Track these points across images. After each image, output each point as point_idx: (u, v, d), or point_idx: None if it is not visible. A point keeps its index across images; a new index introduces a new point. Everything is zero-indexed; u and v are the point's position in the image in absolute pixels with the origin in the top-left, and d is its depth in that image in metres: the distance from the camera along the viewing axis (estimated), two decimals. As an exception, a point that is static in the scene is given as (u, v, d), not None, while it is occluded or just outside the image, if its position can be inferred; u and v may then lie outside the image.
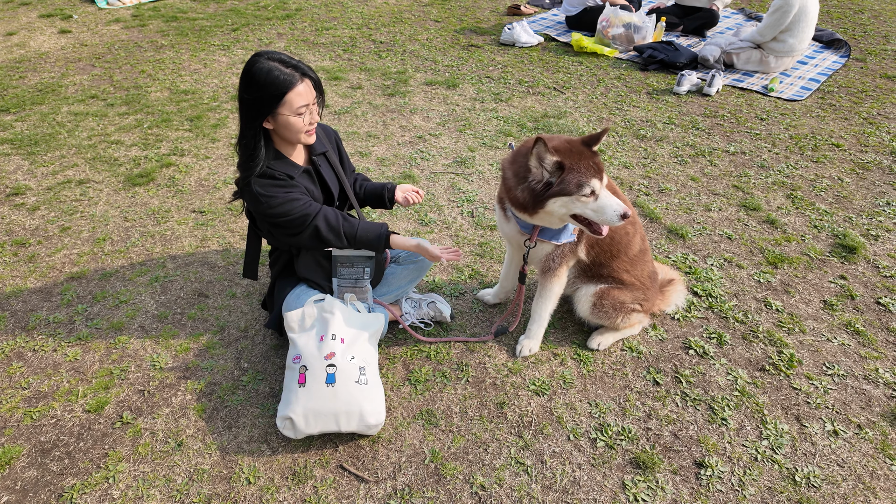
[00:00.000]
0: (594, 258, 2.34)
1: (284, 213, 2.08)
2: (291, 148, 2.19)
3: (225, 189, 3.59)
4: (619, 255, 2.33)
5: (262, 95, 1.95)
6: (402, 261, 2.57)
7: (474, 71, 5.36)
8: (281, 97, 1.95)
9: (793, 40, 5.11)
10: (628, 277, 2.37)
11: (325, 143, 2.33)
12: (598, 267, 2.37)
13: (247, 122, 2.02)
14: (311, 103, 2.02)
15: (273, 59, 1.95)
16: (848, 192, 3.66)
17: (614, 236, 2.28)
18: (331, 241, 2.16)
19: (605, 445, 2.13)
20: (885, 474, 2.04)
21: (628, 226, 2.30)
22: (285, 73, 1.94)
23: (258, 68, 1.94)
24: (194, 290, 2.82)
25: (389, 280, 2.54)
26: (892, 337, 2.62)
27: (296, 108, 1.98)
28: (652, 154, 4.06)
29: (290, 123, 2.01)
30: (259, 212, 2.11)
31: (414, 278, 2.57)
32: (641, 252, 2.39)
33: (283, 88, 1.94)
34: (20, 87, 4.89)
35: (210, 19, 6.54)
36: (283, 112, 1.98)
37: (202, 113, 4.49)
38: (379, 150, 4.03)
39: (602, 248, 2.31)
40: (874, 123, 4.51)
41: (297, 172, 2.15)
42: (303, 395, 2.01)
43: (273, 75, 1.93)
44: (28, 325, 2.61)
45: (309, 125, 2.06)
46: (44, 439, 2.13)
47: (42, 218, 3.32)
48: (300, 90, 1.97)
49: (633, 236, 2.33)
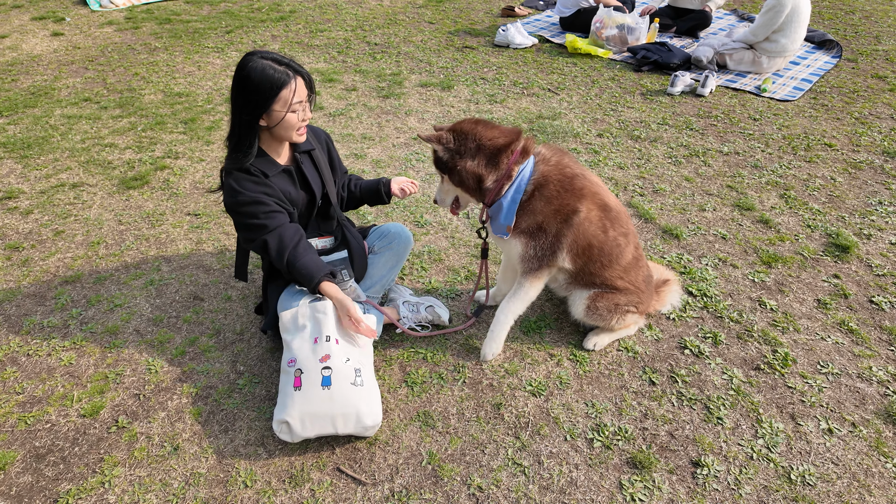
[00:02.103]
0: (582, 267, 2.31)
1: (248, 214, 2.10)
2: (277, 146, 2.20)
3: (220, 193, 3.58)
4: (612, 264, 2.32)
5: (257, 93, 1.98)
6: (376, 249, 2.56)
7: (469, 72, 5.37)
8: (276, 94, 1.98)
9: (785, 41, 5.14)
10: (622, 283, 2.37)
11: (312, 143, 2.33)
12: (590, 275, 2.35)
13: (241, 119, 2.04)
14: (303, 100, 2.06)
15: (266, 58, 1.99)
16: (840, 192, 3.69)
17: (604, 248, 2.26)
18: (273, 260, 2.16)
19: (601, 445, 2.13)
20: (879, 472, 2.06)
21: (619, 237, 2.28)
22: (279, 71, 1.98)
23: (252, 67, 1.97)
24: (189, 294, 2.82)
25: (370, 272, 2.54)
26: (885, 335, 2.64)
27: (290, 104, 2.02)
28: (646, 155, 4.08)
29: (285, 120, 2.04)
30: (227, 204, 2.14)
31: (393, 265, 2.56)
32: (635, 259, 2.38)
33: (277, 85, 1.98)
34: (13, 91, 4.87)
35: (204, 21, 6.53)
36: (278, 109, 2.01)
37: (196, 115, 4.48)
38: (374, 152, 4.03)
39: (591, 257, 2.28)
40: (866, 123, 4.54)
41: (274, 171, 2.16)
42: (299, 399, 2.00)
43: (267, 73, 1.96)
44: (22, 330, 2.60)
45: (301, 122, 2.09)
46: (38, 444, 2.11)
47: (36, 222, 3.30)
48: (294, 87, 2.00)
49: (624, 247, 2.31)
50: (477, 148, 2.14)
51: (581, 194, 2.18)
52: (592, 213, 2.20)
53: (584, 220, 2.19)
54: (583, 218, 2.18)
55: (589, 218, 2.19)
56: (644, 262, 2.47)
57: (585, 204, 2.18)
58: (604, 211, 2.23)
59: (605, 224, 2.23)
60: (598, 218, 2.22)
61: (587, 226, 2.20)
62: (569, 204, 2.17)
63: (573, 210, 2.18)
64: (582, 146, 4.16)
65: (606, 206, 2.24)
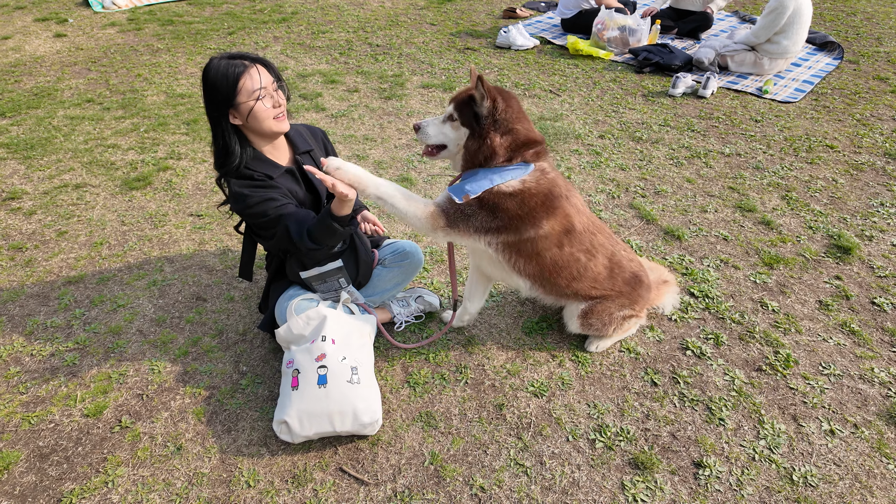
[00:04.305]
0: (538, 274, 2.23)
1: (261, 214, 2.10)
2: (271, 147, 2.20)
3: (219, 211, 3.59)
4: (579, 278, 2.28)
5: (217, 90, 2.00)
6: (387, 263, 2.58)
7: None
8: (234, 86, 1.99)
9: (787, 42, 5.15)
10: (599, 292, 2.35)
11: (309, 142, 2.34)
12: (559, 287, 2.29)
13: (214, 121, 2.07)
14: (267, 86, 2.04)
15: (222, 58, 2.03)
16: (842, 193, 3.69)
17: (559, 261, 2.21)
18: (300, 244, 2.08)
19: (603, 446, 2.13)
20: (881, 473, 2.06)
21: (580, 254, 2.22)
22: (234, 64, 2.01)
23: (210, 67, 2.02)
24: (192, 294, 2.82)
25: (375, 282, 2.56)
26: (886, 337, 2.64)
27: (251, 92, 2.01)
28: (648, 156, 4.08)
29: (254, 111, 2.03)
30: (238, 212, 2.14)
31: (400, 282, 2.59)
32: (607, 269, 2.33)
33: (234, 78, 1.99)
34: (16, 91, 4.88)
35: (206, 23, 6.54)
36: (242, 100, 2.01)
37: (199, 116, 4.49)
38: (376, 153, 4.04)
39: (543, 265, 2.21)
40: (867, 125, 4.55)
41: (278, 173, 2.16)
42: (296, 398, 2.02)
43: (223, 69, 2.00)
44: (25, 330, 2.60)
45: (275, 109, 2.07)
46: (42, 444, 2.12)
47: (39, 222, 3.31)
48: (251, 73, 2.01)
49: (587, 262, 2.26)
50: (511, 130, 2.06)
51: (552, 213, 2.12)
52: (554, 232, 2.15)
53: (541, 235, 2.13)
54: (542, 233, 2.13)
55: (548, 234, 2.14)
56: (624, 265, 2.38)
57: (550, 223, 2.13)
58: (566, 232, 2.18)
59: (563, 241, 2.18)
60: (557, 235, 2.16)
61: (542, 242, 2.15)
62: (536, 216, 2.10)
63: (535, 221, 2.11)
64: (583, 147, 4.17)
65: (571, 229, 2.18)
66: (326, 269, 2.28)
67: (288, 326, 2.18)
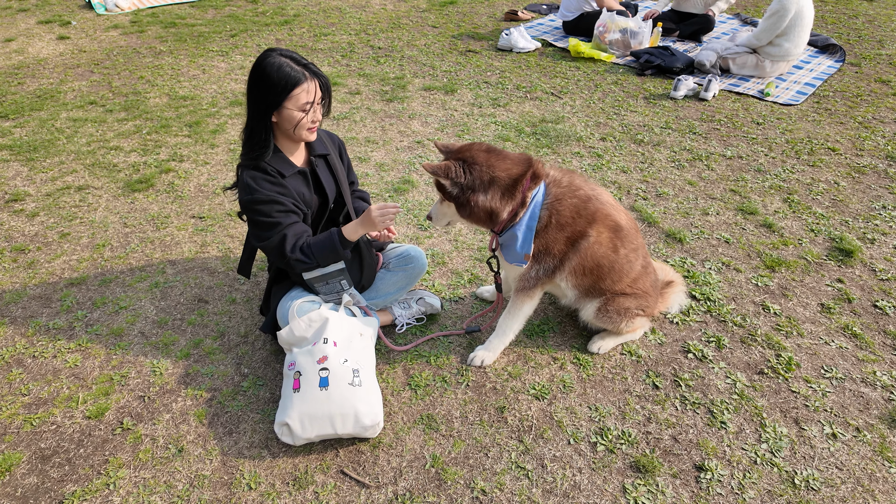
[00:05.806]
0: (591, 284, 2.30)
1: (264, 213, 2.11)
2: (293, 146, 2.22)
3: (224, 195, 3.60)
4: (622, 279, 2.32)
5: (270, 89, 2.00)
6: (392, 267, 2.59)
7: (472, 76, 5.38)
8: (288, 92, 2.00)
9: (788, 45, 5.15)
10: (631, 291, 2.38)
11: (327, 147, 2.35)
12: (600, 290, 2.35)
13: (255, 113, 2.07)
14: (315, 101, 2.07)
15: (284, 56, 2.02)
16: (844, 196, 3.69)
17: (614, 266, 2.26)
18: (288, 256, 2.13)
19: (605, 449, 2.13)
20: (883, 477, 2.05)
21: (630, 254, 2.28)
22: (295, 70, 2.00)
23: (269, 62, 1.99)
24: (194, 296, 2.83)
25: (378, 286, 2.57)
26: (889, 340, 2.63)
27: (301, 104, 2.03)
28: (649, 158, 4.08)
29: (294, 118, 2.06)
30: (243, 202, 2.15)
31: (403, 286, 2.59)
32: (643, 268, 2.38)
33: (291, 84, 1.99)
34: (19, 94, 4.90)
35: (208, 25, 6.56)
36: (289, 107, 2.03)
37: (201, 119, 4.50)
38: (378, 156, 4.05)
39: (600, 276, 2.27)
40: (869, 127, 4.54)
41: (290, 172, 2.18)
42: (297, 401, 2.02)
43: (284, 71, 1.99)
44: (28, 332, 2.61)
45: (311, 123, 2.11)
46: (44, 446, 2.12)
47: (41, 224, 3.32)
48: (307, 87, 2.02)
49: (635, 261, 2.32)
50: (490, 181, 2.07)
51: (593, 218, 2.18)
52: (603, 236, 2.20)
53: (593, 243, 2.19)
54: (592, 242, 2.19)
55: (599, 241, 2.20)
56: (651, 266, 2.47)
57: (596, 228, 2.18)
58: (615, 231, 2.22)
59: (616, 244, 2.24)
60: (609, 239, 2.22)
61: (596, 248, 2.21)
62: (580, 230, 2.17)
63: (583, 234, 2.18)
64: (585, 150, 4.17)
65: (618, 227, 2.23)
66: (329, 269, 2.29)
67: (290, 328, 2.19)
